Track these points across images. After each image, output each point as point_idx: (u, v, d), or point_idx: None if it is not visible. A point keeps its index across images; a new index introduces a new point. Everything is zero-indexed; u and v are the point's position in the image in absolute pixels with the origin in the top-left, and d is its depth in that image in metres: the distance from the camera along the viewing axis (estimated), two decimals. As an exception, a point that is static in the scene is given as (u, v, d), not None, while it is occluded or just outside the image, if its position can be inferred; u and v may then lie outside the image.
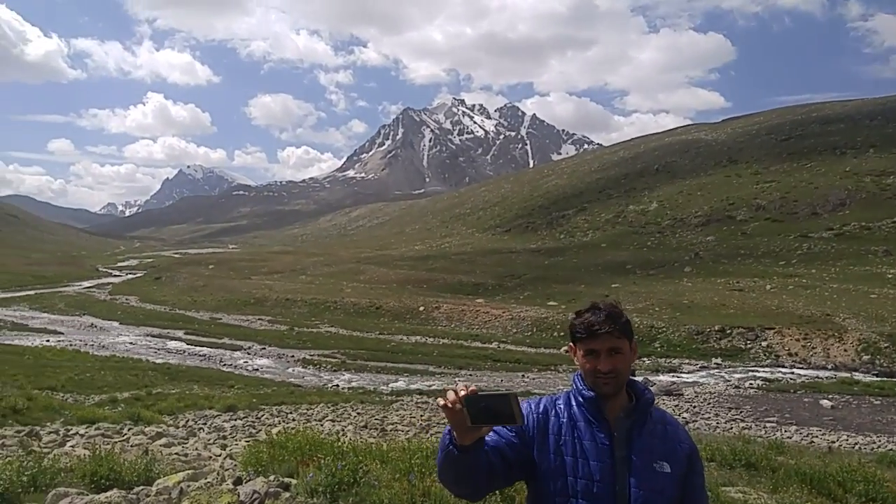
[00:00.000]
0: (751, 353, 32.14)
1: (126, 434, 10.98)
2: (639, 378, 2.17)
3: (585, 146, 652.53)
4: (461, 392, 1.80)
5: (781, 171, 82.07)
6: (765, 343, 32.56)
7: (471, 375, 29.04)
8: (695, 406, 22.44)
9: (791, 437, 17.49)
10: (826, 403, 22.43)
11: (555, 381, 27.46)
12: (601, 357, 2.00)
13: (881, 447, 16.13)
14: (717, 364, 31.07)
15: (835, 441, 17.15)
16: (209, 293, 60.29)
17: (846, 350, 30.22)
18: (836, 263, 50.89)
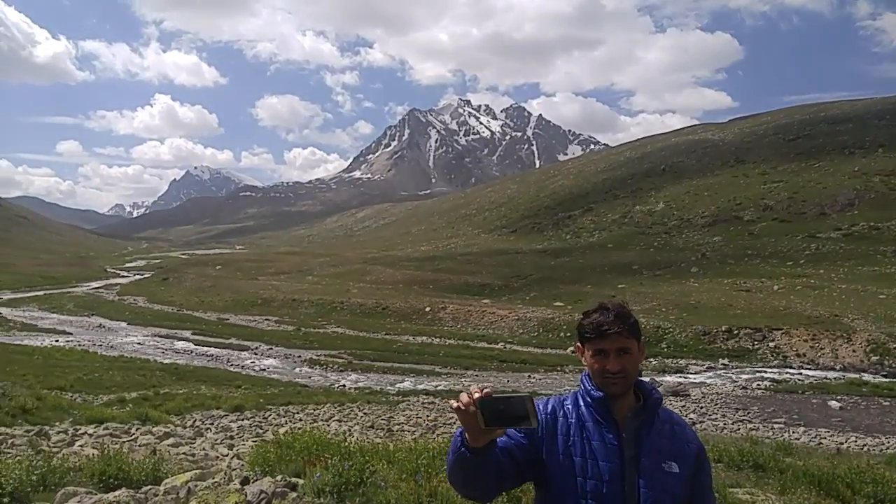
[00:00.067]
0: (758, 354, 31.97)
1: (134, 434, 11.03)
2: (645, 379, 2.17)
3: (592, 146, 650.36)
4: (475, 394, 1.79)
5: (789, 171, 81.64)
6: (772, 344, 32.37)
7: (477, 376, 29.00)
8: (702, 407, 22.33)
9: (799, 439, 17.40)
10: (834, 404, 22.30)
11: (561, 382, 27.40)
12: (610, 357, 2.00)
13: (890, 448, 16.05)
14: (725, 365, 30.92)
15: (843, 442, 17.04)
16: (216, 294, 60.54)
17: (855, 351, 30.02)
18: (845, 264, 50.61)
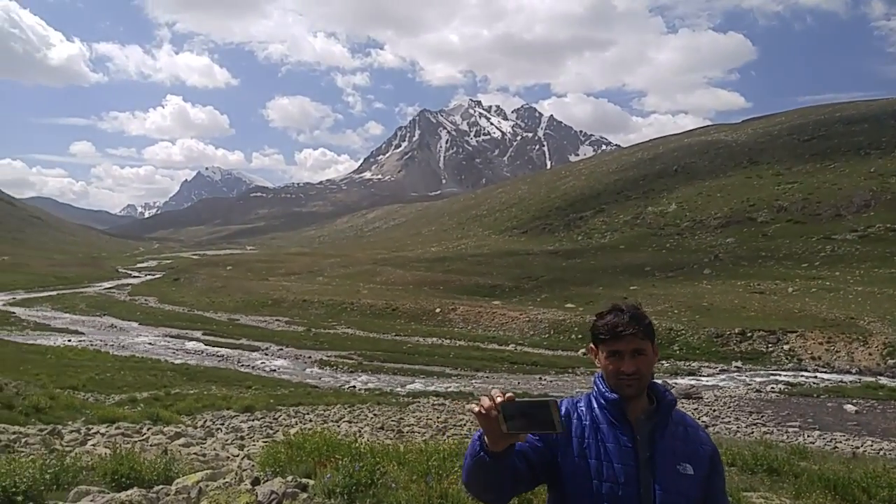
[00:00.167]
0: (772, 357, 31.64)
1: (145, 433, 11.10)
2: (657, 381, 2.15)
3: (603, 147, 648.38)
4: (497, 398, 1.76)
5: (804, 172, 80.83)
6: (787, 346, 32.02)
7: (487, 378, 28.93)
8: (715, 410, 22.13)
9: (814, 443, 17.21)
10: (850, 408, 22.01)
11: (573, 384, 27.26)
12: (625, 358, 1.99)
13: (907, 453, 15.81)
14: (738, 367, 30.61)
15: (859, 446, 16.81)
16: (227, 294, 60.86)
17: (871, 354, 29.64)
18: (861, 266, 50.01)
